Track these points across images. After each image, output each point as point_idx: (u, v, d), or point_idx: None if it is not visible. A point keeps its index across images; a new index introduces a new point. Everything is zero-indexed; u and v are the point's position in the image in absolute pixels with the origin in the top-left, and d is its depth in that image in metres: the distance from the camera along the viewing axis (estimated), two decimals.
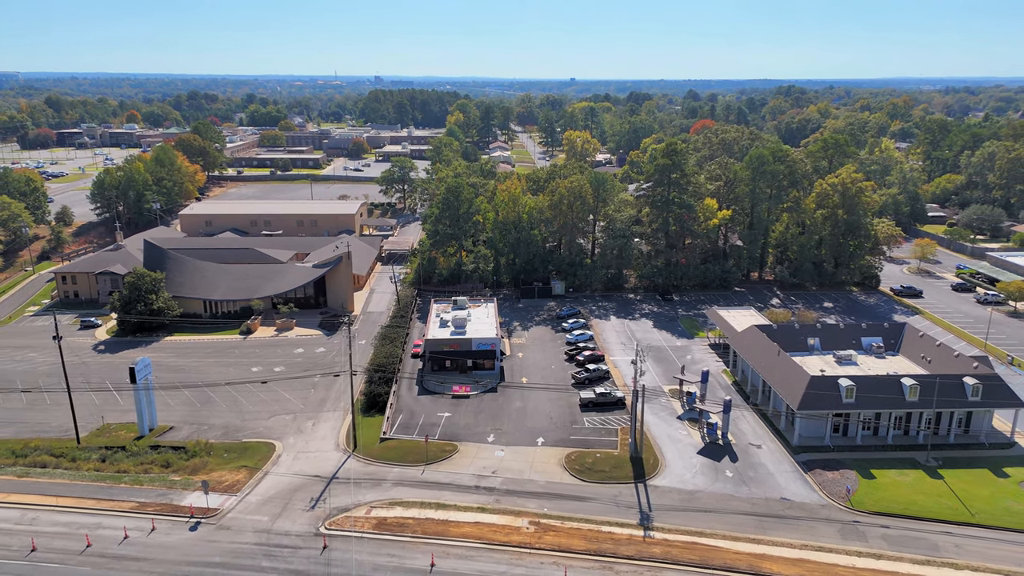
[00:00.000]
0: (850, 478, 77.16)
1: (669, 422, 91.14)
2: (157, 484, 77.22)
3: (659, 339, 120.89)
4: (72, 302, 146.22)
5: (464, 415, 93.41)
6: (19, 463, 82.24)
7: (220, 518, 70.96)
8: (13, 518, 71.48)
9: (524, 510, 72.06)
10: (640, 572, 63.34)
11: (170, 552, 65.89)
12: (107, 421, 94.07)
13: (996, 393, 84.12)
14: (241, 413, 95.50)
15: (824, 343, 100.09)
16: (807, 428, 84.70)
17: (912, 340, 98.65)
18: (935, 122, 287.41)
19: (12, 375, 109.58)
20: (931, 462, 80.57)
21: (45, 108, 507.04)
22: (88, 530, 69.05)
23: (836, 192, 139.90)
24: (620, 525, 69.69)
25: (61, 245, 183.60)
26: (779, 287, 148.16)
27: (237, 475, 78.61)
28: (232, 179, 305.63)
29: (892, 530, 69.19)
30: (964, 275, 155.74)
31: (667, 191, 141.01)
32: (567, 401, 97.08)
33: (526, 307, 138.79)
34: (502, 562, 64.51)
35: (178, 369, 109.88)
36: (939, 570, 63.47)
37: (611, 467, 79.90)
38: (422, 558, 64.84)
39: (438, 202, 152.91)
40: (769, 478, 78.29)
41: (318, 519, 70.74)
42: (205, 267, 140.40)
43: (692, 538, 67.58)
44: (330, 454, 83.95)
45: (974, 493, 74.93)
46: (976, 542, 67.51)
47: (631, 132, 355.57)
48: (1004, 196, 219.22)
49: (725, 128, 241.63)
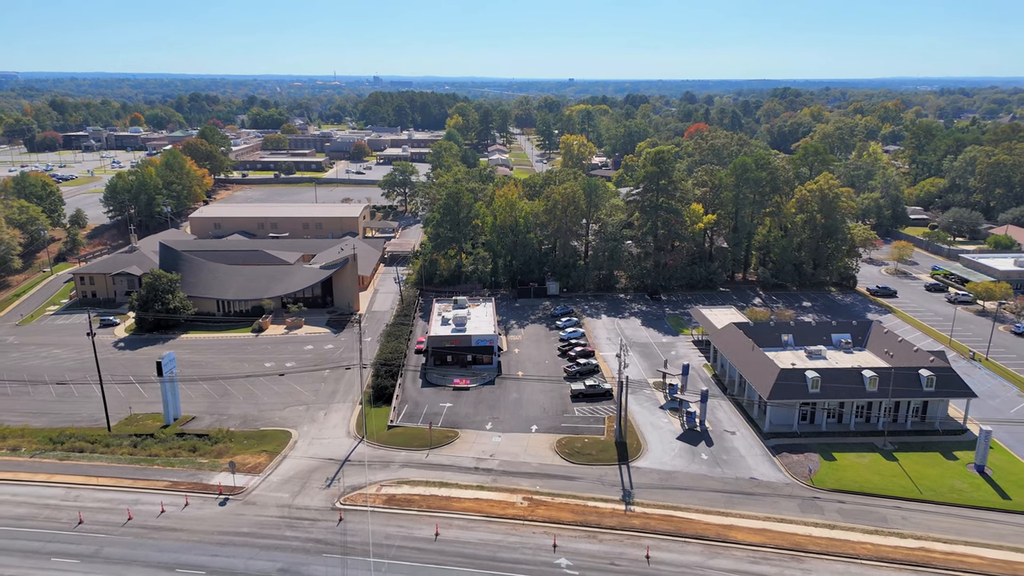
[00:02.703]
0: (813, 460, 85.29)
1: (652, 411, 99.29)
2: (187, 466, 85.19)
3: (646, 336, 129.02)
4: (90, 302, 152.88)
5: (464, 405, 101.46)
6: (58, 448, 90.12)
7: (246, 495, 79.01)
8: (59, 495, 79.51)
9: (518, 488, 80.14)
10: (621, 540, 71.44)
11: (203, 524, 73.96)
12: (134, 411, 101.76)
13: (949, 384, 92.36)
14: (257, 404, 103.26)
15: (797, 339, 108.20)
16: (777, 416, 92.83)
17: (878, 336, 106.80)
18: (921, 127, 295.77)
19: (40, 370, 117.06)
20: (888, 446, 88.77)
21: (49, 111, 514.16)
22: (128, 505, 77.10)
23: (815, 198, 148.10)
24: (604, 501, 77.83)
25: (76, 247, 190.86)
26: (762, 287, 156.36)
27: (259, 458, 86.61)
28: (237, 182, 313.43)
29: (847, 505, 77.36)
30: (938, 276, 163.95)
31: (656, 196, 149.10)
32: (559, 392, 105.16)
33: (522, 306, 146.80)
34: (498, 532, 72.60)
35: (195, 365, 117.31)
36: (886, 538, 71.61)
37: (598, 451, 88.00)
38: (427, 529, 72.90)
39: (439, 207, 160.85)
40: (740, 460, 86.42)
41: (334, 496, 78.78)
42: (218, 268, 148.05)
43: (668, 512, 75.71)
44: (342, 440, 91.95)
45: (924, 473, 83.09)
46: (921, 515, 75.66)
47: (626, 136, 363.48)
48: (984, 199, 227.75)
49: (715, 135, 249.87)
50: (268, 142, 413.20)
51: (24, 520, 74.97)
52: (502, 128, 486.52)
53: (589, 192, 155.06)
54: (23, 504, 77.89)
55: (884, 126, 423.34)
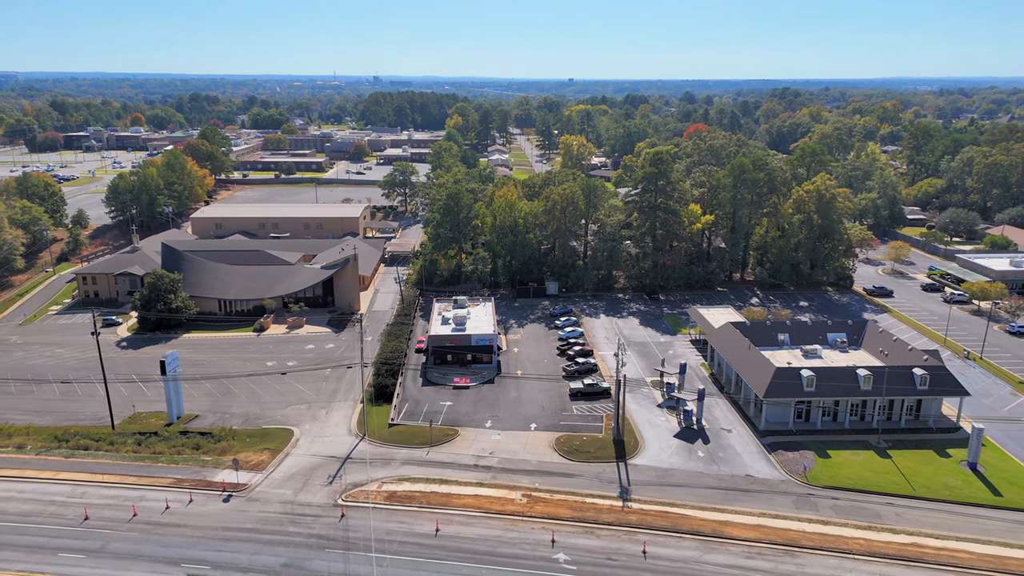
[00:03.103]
0: (808, 457, 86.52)
1: (650, 409, 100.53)
2: (190, 463, 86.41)
3: (644, 336, 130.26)
4: (92, 301, 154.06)
5: (464, 404, 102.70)
6: (63, 446, 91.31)
7: (249, 492, 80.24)
8: (65, 492, 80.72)
9: (518, 485, 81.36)
10: (618, 536, 72.68)
11: (208, 520, 75.18)
12: (137, 410, 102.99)
13: (942, 382, 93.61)
14: (259, 403, 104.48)
15: (793, 338, 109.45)
16: (773, 414, 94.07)
17: (873, 336, 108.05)
18: (919, 127, 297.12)
19: (43, 369, 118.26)
20: (882, 444, 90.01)
21: (50, 111, 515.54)
22: (133, 502, 78.32)
23: (812, 198, 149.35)
24: (602, 497, 79.05)
25: (79, 247, 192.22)
26: (759, 287, 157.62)
27: (261, 456, 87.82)
28: (238, 182, 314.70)
29: (841, 501, 78.59)
30: (934, 276, 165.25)
31: (654, 197, 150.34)
32: (558, 391, 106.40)
33: (522, 306, 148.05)
34: (497, 528, 73.83)
35: (197, 364, 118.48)
36: (879, 534, 72.83)
37: (596, 448, 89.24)
38: (428, 525, 74.13)
39: (439, 207, 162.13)
40: (736, 458, 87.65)
41: (336, 492, 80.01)
42: (219, 268, 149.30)
43: (665, 508, 76.94)
44: (343, 438, 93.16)
45: (917, 471, 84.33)
46: (914, 512, 76.89)
47: (625, 136, 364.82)
48: (981, 200, 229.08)
49: (714, 135, 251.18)
50: (268, 142, 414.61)
51: (30, 516, 76.17)
52: (502, 128, 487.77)
53: (588, 193, 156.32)
54: (29, 500, 79.11)
55: (883, 126, 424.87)
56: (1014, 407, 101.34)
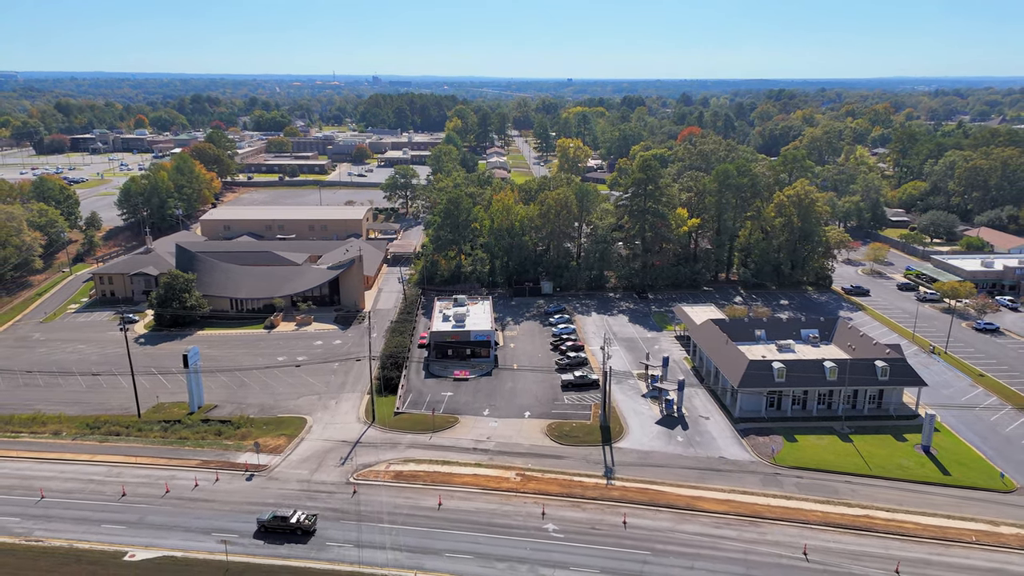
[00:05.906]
0: (777, 442, 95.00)
1: (635, 399, 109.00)
2: (214, 447, 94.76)
3: (632, 332, 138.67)
4: (109, 300, 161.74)
5: (464, 394, 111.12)
6: (96, 432, 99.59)
7: (269, 472, 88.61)
8: (103, 472, 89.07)
9: (512, 465, 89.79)
10: (602, 509, 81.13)
11: (234, 495, 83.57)
12: (160, 400, 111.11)
13: (902, 373, 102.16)
14: (273, 394, 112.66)
15: (769, 334, 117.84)
16: (747, 402, 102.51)
17: (843, 331, 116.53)
18: (905, 131, 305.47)
19: (67, 364, 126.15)
20: (845, 429, 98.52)
21: (55, 112, 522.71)
22: (165, 480, 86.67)
23: (792, 202, 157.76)
24: (588, 476, 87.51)
25: (93, 248, 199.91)
26: (743, 287, 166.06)
27: (278, 440, 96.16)
28: (243, 185, 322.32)
29: (804, 480, 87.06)
30: (910, 276, 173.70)
31: (643, 201, 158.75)
32: (551, 383, 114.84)
33: (518, 304, 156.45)
34: (493, 502, 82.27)
35: (212, 359, 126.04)
36: (835, 507, 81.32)
37: (584, 434, 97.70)
38: (432, 499, 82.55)
39: (440, 211, 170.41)
40: (712, 442, 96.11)
41: (348, 472, 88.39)
42: (231, 268, 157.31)
43: (645, 485, 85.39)
44: (353, 425, 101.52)
45: (875, 453, 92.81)
46: (869, 488, 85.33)
47: (621, 139, 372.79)
48: (962, 202, 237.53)
49: (705, 140, 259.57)
50: (272, 145, 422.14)
51: (73, 493, 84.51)
52: (500, 131, 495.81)
53: (581, 197, 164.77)
54: (71, 480, 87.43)
55: (874, 128, 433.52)
56: (971, 397, 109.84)
